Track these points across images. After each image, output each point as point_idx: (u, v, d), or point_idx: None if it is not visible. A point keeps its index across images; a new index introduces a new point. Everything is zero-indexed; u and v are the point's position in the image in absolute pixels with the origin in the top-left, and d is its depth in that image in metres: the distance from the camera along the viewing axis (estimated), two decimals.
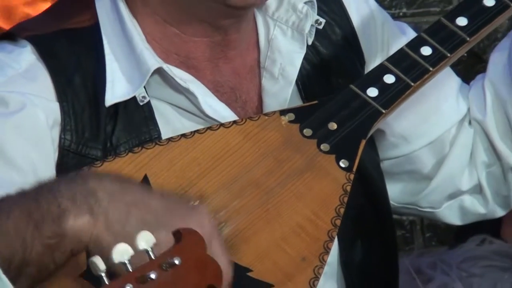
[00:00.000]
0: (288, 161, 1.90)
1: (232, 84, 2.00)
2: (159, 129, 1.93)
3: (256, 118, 1.94)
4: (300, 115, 1.93)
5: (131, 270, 1.44)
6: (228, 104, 1.98)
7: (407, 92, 1.95)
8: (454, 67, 2.12)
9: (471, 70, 2.27)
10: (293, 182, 1.89)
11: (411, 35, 2.11)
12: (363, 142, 1.92)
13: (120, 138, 1.91)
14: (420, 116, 2.08)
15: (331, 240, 1.85)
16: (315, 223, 1.86)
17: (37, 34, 1.93)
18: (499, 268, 2.89)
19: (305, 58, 2.02)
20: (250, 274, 1.80)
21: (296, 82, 2.01)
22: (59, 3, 2.09)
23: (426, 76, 1.95)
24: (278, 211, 1.86)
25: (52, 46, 1.92)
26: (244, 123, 1.92)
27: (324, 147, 1.92)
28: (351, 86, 1.95)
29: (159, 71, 1.92)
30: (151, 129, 1.93)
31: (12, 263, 1.60)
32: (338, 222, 1.86)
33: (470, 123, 2.13)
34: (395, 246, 2.14)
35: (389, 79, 1.95)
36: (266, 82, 2.02)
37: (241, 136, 1.90)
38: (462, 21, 1.98)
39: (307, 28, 2.01)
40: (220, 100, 1.97)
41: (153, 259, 1.44)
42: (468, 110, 2.13)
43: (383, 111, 1.93)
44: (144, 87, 1.92)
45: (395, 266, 2.12)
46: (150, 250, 1.45)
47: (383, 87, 1.95)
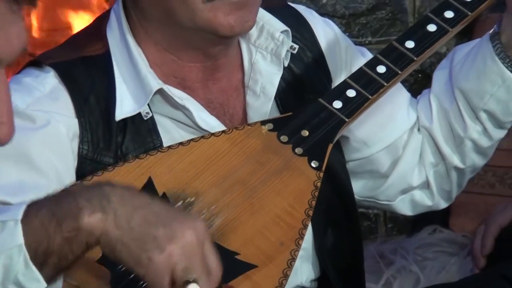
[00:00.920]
0: (268, 163, 1.90)
1: (221, 101, 2.00)
2: (161, 138, 1.93)
3: (241, 128, 1.94)
4: (278, 125, 1.93)
5: None
6: (218, 117, 1.97)
7: (366, 104, 1.94)
8: (410, 85, 2.12)
9: (424, 87, 2.26)
10: (272, 180, 1.89)
11: (369, 56, 2.10)
12: (330, 146, 1.92)
13: (129, 147, 1.91)
14: (377, 124, 2.07)
15: (305, 228, 1.85)
16: (291, 214, 1.86)
17: (58, 61, 1.93)
18: (447, 253, 2.88)
19: (282, 78, 2.01)
20: (237, 257, 1.80)
21: (275, 98, 2.01)
22: (76, 35, 2.10)
23: (382, 90, 1.95)
24: (260, 204, 1.86)
25: (71, 71, 1.92)
26: (231, 132, 1.93)
27: (298, 150, 1.91)
28: (320, 100, 1.95)
29: (160, 91, 1.92)
30: (154, 139, 1.92)
31: (37, 253, 1.60)
32: (311, 213, 1.86)
33: (419, 130, 2.12)
34: (360, 234, 2.14)
35: (351, 93, 1.95)
36: (250, 98, 2.01)
37: (229, 143, 1.91)
38: (410, 44, 1.97)
39: (283, 53, 2.01)
40: (211, 114, 1.96)
41: None
42: (417, 119, 2.12)
43: (347, 120, 1.93)
44: (148, 104, 1.92)
45: (360, 251, 2.12)
46: None
47: (346, 100, 1.94)
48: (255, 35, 2.01)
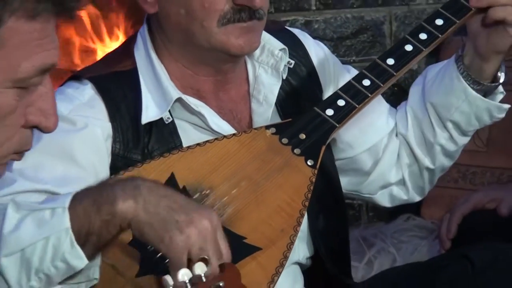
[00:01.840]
0: (271, 161, 1.90)
1: (231, 107, 1.99)
2: (180, 139, 1.92)
3: (249, 132, 1.94)
4: (279, 129, 1.93)
5: (190, 287, 1.45)
6: (228, 122, 1.97)
7: (353, 112, 1.94)
8: (388, 97, 2.12)
9: (400, 99, 2.26)
10: (275, 176, 1.89)
11: (354, 71, 2.10)
12: (323, 147, 1.92)
13: (154, 147, 1.91)
14: (360, 129, 2.06)
15: (302, 216, 1.86)
16: (290, 205, 1.86)
17: (94, 75, 1.93)
18: (419, 237, 2.89)
19: (281, 88, 2.01)
20: (245, 241, 1.80)
21: (275, 105, 2.00)
22: (109, 54, 2.10)
23: (367, 100, 1.94)
24: (264, 196, 1.86)
25: (105, 83, 1.92)
26: (241, 135, 1.93)
27: (297, 151, 1.91)
28: (315, 108, 1.95)
29: (179, 100, 1.91)
30: (175, 140, 1.92)
31: (81, 235, 1.62)
32: (307, 204, 1.87)
33: (396, 135, 2.12)
34: (346, 220, 2.13)
35: (341, 102, 1.94)
36: (254, 105, 2.00)
37: (238, 144, 1.90)
38: (390, 61, 1.97)
39: (282, 67, 2.00)
40: (223, 118, 1.96)
41: (204, 282, 1.46)
42: (395, 125, 2.12)
43: (337, 125, 1.93)
44: (169, 111, 1.91)
45: (346, 234, 2.11)
46: (203, 275, 1.46)
47: (337, 108, 1.94)
48: (258, 53, 2.01)
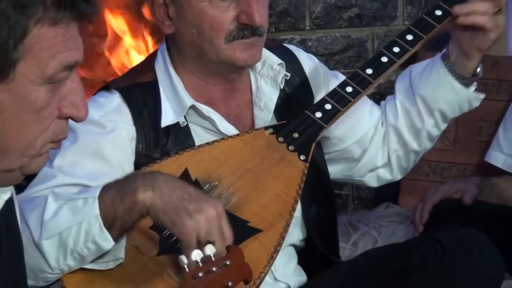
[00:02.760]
0: (269, 157, 1.89)
1: (237, 113, 1.98)
2: (194, 140, 1.91)
3: (250, 132, 1.93)
4: (276, 129, 1.93)
5: (201, 265, 1.45)
6: (234, 125, 1.95)
7: (338, 114, 1.94)
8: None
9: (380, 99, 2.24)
10: (272, 169, 1.88)
11: (341, 77, 2.10)
12: (314, 144, 1.92)
13: (171, 146, 1.90)
14: (348, 125, 2.05)
15: (296, 203, 1.86)
16: (286, 193, 1.86)
17: (121, 86, 1.93)
18: (396, 222, 2.86)
19: (279, 97, 2.00)
20: (248, 224, 1.80)
21: (274, 110, 1.99)
22: (133, 68, 2.09)
23: (349, 104, 1.95)
24: (264, 187, 1.86)
25: (130, 93, 1.91)
26: (244, 135, 1.92)
27: (291, 148, 1.91)
28: (306, 111, 1.95)
29: (192, 107, 1.91)
30: (189, 140, 1.91)
31: (108, 220, 1.65)
32: (300, 192, 1.86)
33: (382, 125, 2.10)
34: (334, 207, 2.13)
35: (328, 106, 1.94)
36: (256, 111, 1.99)
37: (241, 143, 1.90)
38: (369, 71, 1.97)
39: (279, 79, 1.99)
40: (230, 123, 1.95)
41: (213, 260, 1.46)
42: (379, 118, 2.11)
43: (325, 126, 1.93)
44: (184, 116, 1.91)
45: (335, 219, 2.10)
46: (212, 256, 1.47)
47: (324, 111, 1.94)
48: (260, 67, 2.00)
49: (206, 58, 1.91)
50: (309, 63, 2.10)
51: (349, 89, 1.95)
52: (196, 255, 1.46)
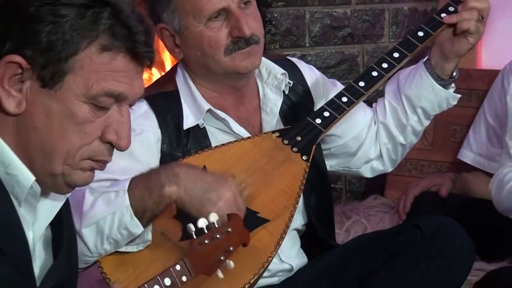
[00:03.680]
0: (276, 157, 1.87)
1: (246, 117, 1.96)
2: (210, 141, 1.89)
3: (260, 135, 1.91)
4: (282, 133, 1.91)
5: (206, 232, 1.44)
6: (245, 128, 1.93)
7: (335, 121, 1.92)
8: None
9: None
10: (279, 167, 1.86)
11: (339, 86, 2.08)
12: (314, 146, 1.90)
13: (191, 146, 1.88)
14: (346, 124, 2.02)
15: (299, 197, 1.84)
16: (290, 188, 1.84)
17: (148, 95, 1.87)
18: (383, 212, 2.86)
19: (283, 102, 1.98)
20: (258, 214, 1.79)
21: (279, 115, 1.97)
22: (158, 80, 2.07)
23: (345, 112, 1.92)
24: (271, 182, 1.84)
25: (155, 101, 1.88)
26: (254, 137, 1.90)
27: (295, 149, 1.89)
28: (307, 118, 1.92)
29: (209, 111, 1.89)
30: (206, 141, 1.89)
31: (138, 211, 1.64)
32: (302, 187, 1.85)
33: (375, 123, 2.09)
34: (331, 198, 2.10)
35: (326, 114, 1.92)
36: (263, 115, 1.97)
37: (252, 144, 1.88)
38: (362, 83, 1.94)
39: (283, 87, 1.97)
40: (241, 125, 1.93)
41: (217, 227, 1.45)
42: (371, 117, 2.09)
43: (324, 131, 1.91)
44: (203, 119, 1.89)
45: (331, 209, 2.08)
46: (216, 222, 1.46)
47: (323, 118, 1.91)
48: (266, 77, 1.98)
49: (213, 72, 1.89)
50: (309, 73, 2.08)
51: (344, 99, 1.93)
52: (202, 223, 1.45)
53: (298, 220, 1.96)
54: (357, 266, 1.92)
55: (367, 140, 2.08)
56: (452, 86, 2.02)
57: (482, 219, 2.47)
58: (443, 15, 1.96)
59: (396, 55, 1.96)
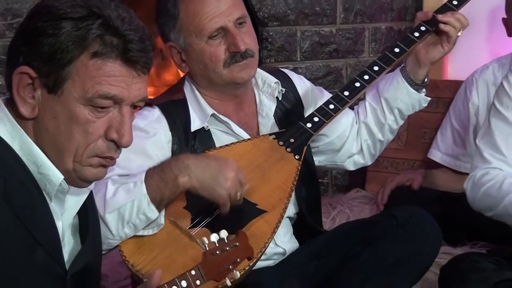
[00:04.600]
0: (272, 156, 1.86)
1: (246, 121, 1.94)
2: (214, 141, 1.88)
3: (258, 137, 1.90)
4: (277, 135, 1.89)
5: (217, 245, 1.42)
6: (244, 129, 1.91)
7: (324, 125, 1.91)
8: None
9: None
10: (275, 165, 1.85)
11: (326, 94, 2.07)
12: (305, 147, 1.89)
13: (197, 146, 1.86)
14: (332, 125, 2.00)
15: (292, 191, 1.83)
16: (285, 184, 1.83)
17: (160, 103, 1.89)
18: (364, 203, 2.84)
19: (277, 108, 1.96)
20: (257, 206, 1.78)
21: (274, 119, 1.95)
22: (168, 89, 2.05)
23: (332, 118, 1.91)
24: (268, 178, 1.82)
25: (166, 107, 1.87)
26: (253, 139, 1.89)
27: (288, 149, 1.87)
28: (299, 122, 1.91)
29: (213, 115, 1.87)
30: (211, 142, 1.87)
31: (156, 200, 1.63)
32: (295, 183, 1.83)
33: (356, 122, 2.07)
34: (319, 191, 2.08)
35: (316, 119, 1.91)
36: (260, 119, 1.95)
37: (251, 145, 1.87)
38: (346, 93, 1.93)
39: (276, 94, 1.96)
40: (241, 128, 1.91)
41: (226, 242, 1.44)
42: (353, 119, 2.07)
43: (314, 133, 1.90)
44: (207, 122, 1.87)
45: (319, 200, 2.06)
46: (225, 237, 1.44)
47: (313, 123, 1.90)
48: (261, 85, 1.96)
49: (215, 83, 1.88)
50: (300, 82, 2.06)
51: (331, 106, 1.92)
52: (213, 237, 1.45)
53: (291, 209, 1.95)
54: (341, 250, 1.91)
55: (350, 138, 2.07)
56: (424, 90, 2.02)
57: (448, 209, 2.47)
58: (416, 34, 1.96)
59: (376, 68, 1.96)
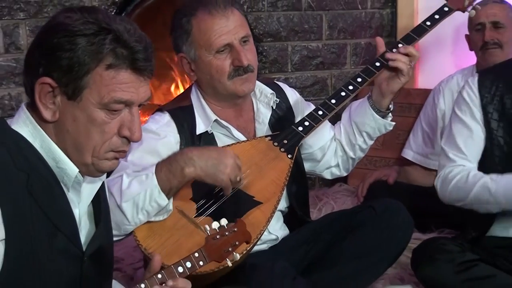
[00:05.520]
0: (268, 155, 1.85)
1: (244, 126, 1.93)
2: (217, 143, 1.86)
3: (256, 139, 1.89)
4: (272, 137, 1.89)
5: (218, 231, 1.41)
6: (242, 134, 1.90)
7: (313, 128, 1.90)
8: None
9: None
10: (270, 163, 1.84)
11: (312, 106, 2.05)
12: (297, 148, 1.88)
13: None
14: (316, 137, 2.00)
15: (285, 185, 1.82)
16: (278, 179, 1.82)
17: (169, 108, 1.88)
18: (346, 195, 2.84)
19: (272, 115, 1.95)
20: (254, 198, 1.77)
21: (269, 125, 1.94)
22: (177, 97, 2.03)
23: (320, 122, 1.90)
24: (264, 174, 1.81)
25: (175, 112, 1.86)
26: (251, 140, 1.88)
27: (282, 149, 1.87)
28: (292, 126, 1.90)
29: (216, 120, 1.86)
30: (214, 144, 1.86)
31: (165, 189, 1.63)
32: (287, 179, 1.83)
33: (334, 140, 2.06)
34: (307, 186, 2.07)
35: (306, 123, 1.90)
36: (257, 125, 1.94)
37: (250, 145, 1.86)
38: (333, 101, 1.92)
39: (271, 103, 1.95)
40: (239, 132, 1.90)
41: (226, 228, 1.43)
42: (334, 134, 2.06)
43: (304, 136, 1.89)
44: (211, 127, 1.86)
45: (307, 193, 2.05)
46: (225, 224, 1.43)
47: (304, 126, 1.89)
48: (259, 95, 1.95)
49: (219, 92, 1.87)
50: (291, 94, 2.06)
51: (320, 112, 1.91)
52: (215, 224, 1.44)
53: (282, 204, 1.94)
54: (326, 236, 1.91)
55: (329, 152, 2.05)
56: (389, 116, 1.99)
57: (419, 201, 2.46)
58: (391, 52, 1.93)
59: (359, 79, 1.94)
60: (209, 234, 1.41)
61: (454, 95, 2.65)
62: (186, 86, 2.94)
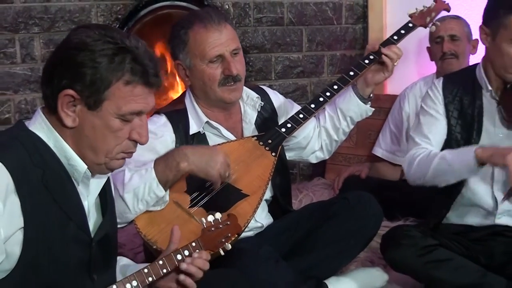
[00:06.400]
0: (254, 153, 1.83)
1: (233, 127, 1.91)
2: (208, 142, 1.84)
3: (243, 138, 1.87)
4: (258, 137, 1.87)
5: (213, 223, 1.40)
6: (231, 133, 1.88)
7: (295, 130, 1.88)
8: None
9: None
10: (256, 160, 1.82)
11: (296, 106, 2.03)
12: (280, 147, 1.87)
13: None
14: (300, 129, 1.95)
15: (269, 180, 1.81)
16: (263, 174, 1.81)
17: (166, 111, 1.86)
18: (323, 188, 2.83)
19: (258, 116, 1.93)
20: (241, 191, 1.76)
21: (255, 125, 1.92)
22: (173, 100, 2.00)
23: (301, 124, 1.89)
24: (251, 170, 1.80)
25: (171, 115, 1.82)
26: (239, 140, 1.86)
27: (267, 148, 1.85)
28: (276, 128, 1.89)
29: (207, 122, 1.84)
30: (206, 143, 1.84)
31: (162, 182, 1.62)
32: (271, 174, 1.81)
33: (317, 126, 2.04)
34: (289, 179, 2.05)
35: (288, 125, 1.88)
36: (244, 125, 1.92)
37: (238, 144, 1.84)
38: (312, 105, 1.91)
39: (257, 106, 1.93)
40: (229, 132, 1.88)
41: (220, 221, 1.42)
42: (315, 123, 2.03)
43: (287, 136, 1.87)
44: (203, 127, 1.84)
45: (289, 186, 2.03)
46: (219, 218, 1.42)
47: (287, 128, 1.88)
48: (245, 99, 1.93)
49: (210, 97, 1.85)
50: (274, 97, 2.04)
51: (301, 115, 1.90)
52: (210, 217, 1.43)
53: (267, 194, 1.93)
54: (306, 224, 1.90)
55: (313, 138, 2.04)
56: (369, 103, 2.00)
57: (387, 193, 2.47)
58: (366, 61, 1.94)
59: (335, 87, 1.93)
60: (205, 226, 1.41)
61: (417, 100, 2.67)
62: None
